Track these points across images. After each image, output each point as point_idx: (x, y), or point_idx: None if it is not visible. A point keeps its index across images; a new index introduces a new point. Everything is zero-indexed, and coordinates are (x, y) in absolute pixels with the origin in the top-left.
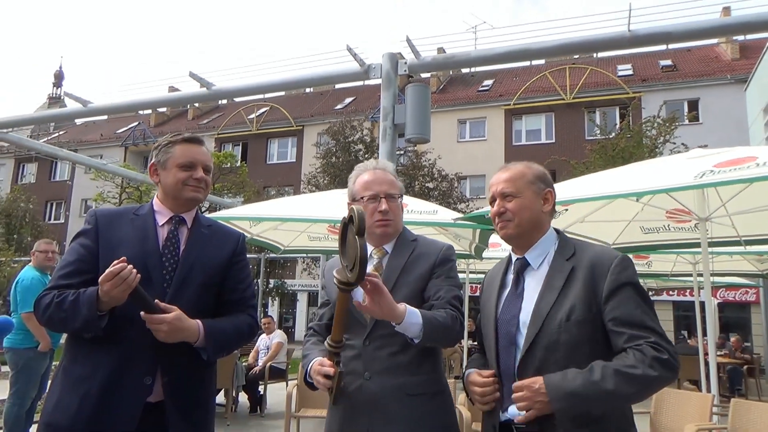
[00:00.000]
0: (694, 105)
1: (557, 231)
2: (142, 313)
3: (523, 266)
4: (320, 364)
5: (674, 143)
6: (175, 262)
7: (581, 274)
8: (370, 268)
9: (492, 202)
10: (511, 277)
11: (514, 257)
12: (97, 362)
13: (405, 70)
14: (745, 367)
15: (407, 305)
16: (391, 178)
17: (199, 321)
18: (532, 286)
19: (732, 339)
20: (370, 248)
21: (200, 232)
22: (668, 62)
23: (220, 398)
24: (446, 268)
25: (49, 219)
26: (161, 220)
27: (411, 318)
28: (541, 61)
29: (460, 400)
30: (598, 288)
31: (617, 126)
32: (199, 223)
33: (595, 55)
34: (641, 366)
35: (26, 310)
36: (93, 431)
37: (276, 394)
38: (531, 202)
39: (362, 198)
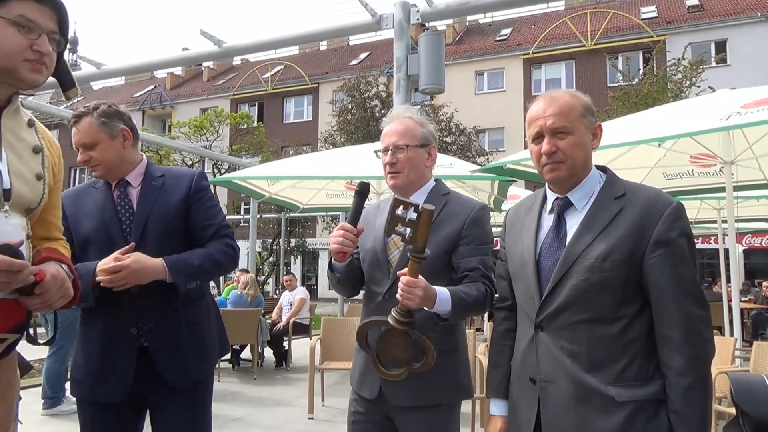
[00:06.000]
0: (721, 46)
1: (601, 168)
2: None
3: (565, 207)
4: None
5: (699, 87)
6: (131, 222)
7: (631, 215)
8: None
9: (537, 138)
10: (547, 217)
11: (551, 195)
12: (93, 321)
13: (418, 19)
14: None
15: (438, 290)
16: (406, 127)
17: (161, 258)
18: (576, 229)
19: (765, 284)
20: None
21: (150, 185)
22: (695, 1)
23: (246, 353)
24: (478, 232)
25: (74, 184)
26: (114, 186)
27: (440, 305)
28: (561, 6)
29: (480, 350)
30: (647, 233)
31: (641, 71)
32: (150, 176)
33: None
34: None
35: None
36: (99, 381)
37: (300, 348)
38: (583, 140)
39: (379, 151)
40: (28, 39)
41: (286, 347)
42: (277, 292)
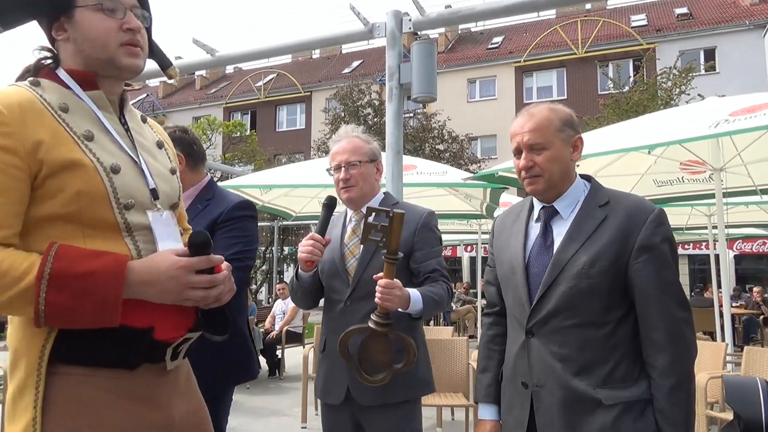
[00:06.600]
0: (710, 54)
1: (586, 177)
2: None
3: (551, 215)
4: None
5: (689, 94)
6: None
7: (615, 222)
8: (348, 230)
9: (516, 153)
10: (534, 225)
11: (537, 204)
12: None
13: (410, 28)
14: (762, 317)
15: (410, 291)
16: (355, 145)
17: None
18: (563, 237)
19: (755, 290)
20: (350, 212)
21: (194, 207)
22: (684, 10)
23: None
24: (429, 236)
25: None
26: None
27: (414, 306)
28: (552, 15)
29: (473, 357)
30: (631, 239)
31: (631, 79)
32: (198, 198)
33: (607, 5)
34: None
35: None
36: None
37: (293, 357)
38: (561, 153)
39: (330, 168)
40: (115, 20)
41: (279, 356)
42: (270, 300)
